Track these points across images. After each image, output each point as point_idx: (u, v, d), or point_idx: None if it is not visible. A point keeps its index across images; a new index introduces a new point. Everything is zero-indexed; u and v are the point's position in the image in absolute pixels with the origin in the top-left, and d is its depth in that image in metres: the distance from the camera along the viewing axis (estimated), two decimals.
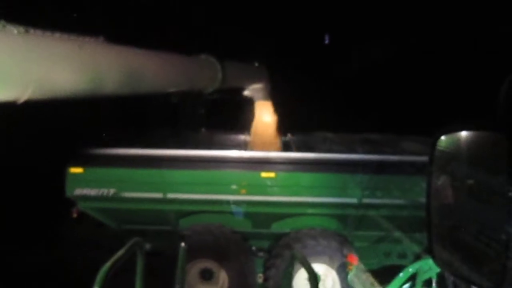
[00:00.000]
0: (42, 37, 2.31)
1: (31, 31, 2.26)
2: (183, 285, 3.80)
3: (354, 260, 3.74)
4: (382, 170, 5.27)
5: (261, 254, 5.87)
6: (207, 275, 5.47)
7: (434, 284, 3.43)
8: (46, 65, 2.22)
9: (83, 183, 5.19)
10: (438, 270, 3.25)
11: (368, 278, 3.89)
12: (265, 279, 5.49)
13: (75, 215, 5.37)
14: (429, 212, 1.67)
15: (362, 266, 4.31)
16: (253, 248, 5.88)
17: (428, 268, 3.36)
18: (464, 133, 1.58)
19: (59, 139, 6.55)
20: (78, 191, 5.18)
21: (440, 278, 3.31)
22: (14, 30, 2.15)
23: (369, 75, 12.42)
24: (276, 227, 5.65)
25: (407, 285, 3.56)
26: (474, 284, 2.10)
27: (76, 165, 5.19)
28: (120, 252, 2.99)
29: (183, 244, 3.98)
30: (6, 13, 2.20)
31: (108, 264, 2.79)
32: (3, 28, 2.11)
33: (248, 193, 5.27)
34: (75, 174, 5.18)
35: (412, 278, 3.49)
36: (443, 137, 1.63)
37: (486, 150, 1.51)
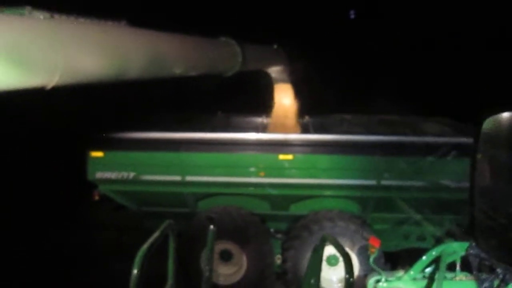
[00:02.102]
0: (67, 22, 2.29)
1: (56, 16, 2.25)
2: (211, 266, 3.86)
3: (376, 243, 3.74)
4: (401, 152, 5.22)
5: (279, 235, 5.92)
6: (226, 256, 5.54)
7: (458, 268, 3.42)
8: (72, 50, 2.20)
9: (104, 166, 5.25)
10: (462, 253, 3.23)
11: None
12: (284, 261, 5.54)
13: (96, 198, 5.46)
14: (473, 194, 1.65)
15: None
16: (271, 230, 5.92)
17: (452, 251, 3.34)
18: (508, 114, 1.55)
19: (79, 123, 6.61)
20: (99, 175, 5.25)
21: (464, 262, 3.30)
22: (40, 15, 2.14)
23: (389, 55, 12.20)
24: (294, 209, 5.67)
25: (429, 268, 3.55)
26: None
27: (97, 149, 5.24)
28: (154, 235, 3.05)
29: (212, 226, 4.02)
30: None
31: (144, 247, 2.85)
32: (29, 14, 2.10)
33: (266, 176, 5.29)
34: (95, 158, 5.24)
35: (435, 261, 3.48)
36: (488, 120, 1.61)
37: None
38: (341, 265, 4.44)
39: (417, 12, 12.17)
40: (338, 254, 4.97)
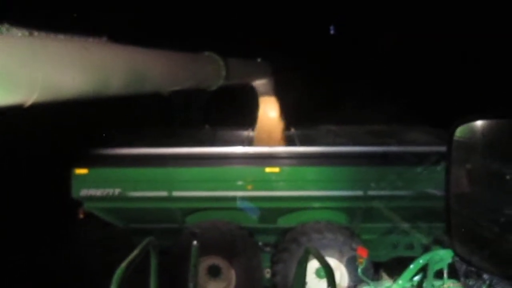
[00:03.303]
0: (46, 39, 2.28)
1: (35, 33, 2.23)
2: (196, 283, 3.80)
3: (364, 253, 3.74)
4: (387, 162, 5.26)
5: (267, 249, 5.88)
6: (214, 271, 5.48)
7: (445, 275, 3.43)
8: (51, 67, 2.19)
9: (89, 183, 5.18)
10: (449, 260, 3.25)
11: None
12: (273, 274, 5.50)
13: (81, 216, 5.38)
14: (449, 202, 1.67)
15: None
16: (260, 243, 5.89)
17: (439, 259, 3.35)
18: (480, 122, 1.58)
19: (62, 140, 6.54)
20: (84, 192, 5.18)
21: (452, 268, 3.31)
22: (18, 33, 2.12)
23: (372, 66, 12.37)
24: (282, 222, 5.65)
25: (418, 276, 3.56)
26: (490, 273, 2.10)
27: (81, 166, 5.18)
28: (134, 252, 3.00)
29: (195, 242, 3.97)
30: (9, 16, 2.18)
31: (123, 265, 2.79)
32: (7, 31, 2.09)
33: (253, 189, 5.27)
34: (80, 175, 5.17)
35: (423, 269, 3.49)
36: (460, 127, 1.63)
37: (504, 137, 1.51)
38: None
39: (400, 20, 12.38)
40: None
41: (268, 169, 5.26)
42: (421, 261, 3.49)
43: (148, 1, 10.87)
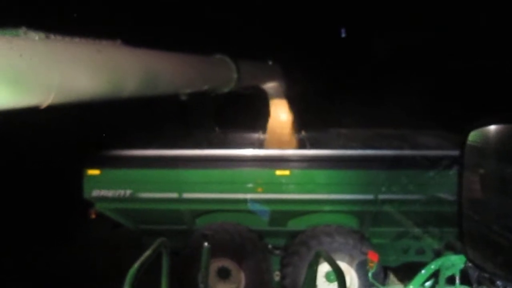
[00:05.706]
0: (62, 42, 2.32)
1: (52, 36, 2.28)
2: (206, 285, 3.81)
3: (375, 257, 3.72)
4: (398, 165, 5.22)
5: (277, 252, 5.87)
6: (224, 273, 5.48)
7: (457, 281, 3.39)
8: (67, 70, 2.23)
9: (100, 184, 5.23)
10: (461, 266, 3.22)
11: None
12: (282, 277, 5.48)
13: (93, 216, 5.43)
14: (461, 207, 1.66)
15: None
16: (269, 246, 5.88)
17: (451, 264, 3.32)
18: (494, 127, 1.57)
19: (74, 141, 6.61)
20: (95, 193, 5.23)
21: (464, 274, 3.28)
22: (35, 36, 2.17)
23: (383, 70, 12.32)
24: (292, 225, 5.64)
25: (429, 282, 3.52)
26: (503, 280, 2.08)
27: (93, 166, 5.23)
28: (146, 253, 3.01)
29: (206, 243, 3.98)
30: (26, 20, 2.23)
31: (136, 265, 2.80)
32: (24, 34, 2.13)
33: (263, 191, 5.27)
34: (92, 176, 5.22)
35: (434, 275, 3.46)
36: (473, 132, 1.62)
37: None
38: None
39: (413, 22, 12.30)
40: None
41: (278, 172, 5.25)
42: (432, 266, 3.46)
43: (160, 4, 10.96)
